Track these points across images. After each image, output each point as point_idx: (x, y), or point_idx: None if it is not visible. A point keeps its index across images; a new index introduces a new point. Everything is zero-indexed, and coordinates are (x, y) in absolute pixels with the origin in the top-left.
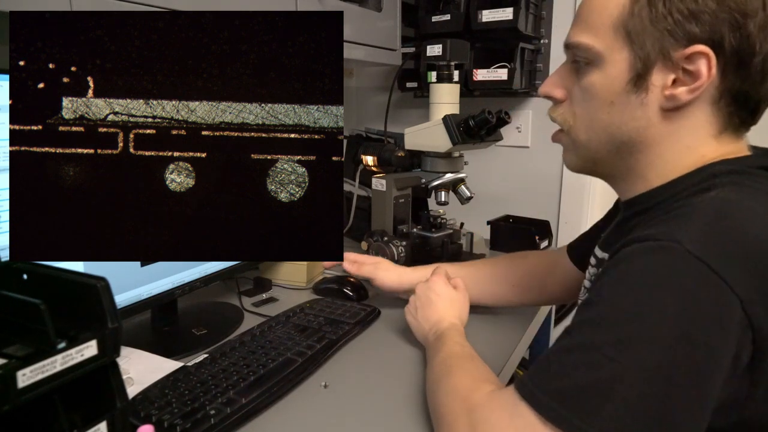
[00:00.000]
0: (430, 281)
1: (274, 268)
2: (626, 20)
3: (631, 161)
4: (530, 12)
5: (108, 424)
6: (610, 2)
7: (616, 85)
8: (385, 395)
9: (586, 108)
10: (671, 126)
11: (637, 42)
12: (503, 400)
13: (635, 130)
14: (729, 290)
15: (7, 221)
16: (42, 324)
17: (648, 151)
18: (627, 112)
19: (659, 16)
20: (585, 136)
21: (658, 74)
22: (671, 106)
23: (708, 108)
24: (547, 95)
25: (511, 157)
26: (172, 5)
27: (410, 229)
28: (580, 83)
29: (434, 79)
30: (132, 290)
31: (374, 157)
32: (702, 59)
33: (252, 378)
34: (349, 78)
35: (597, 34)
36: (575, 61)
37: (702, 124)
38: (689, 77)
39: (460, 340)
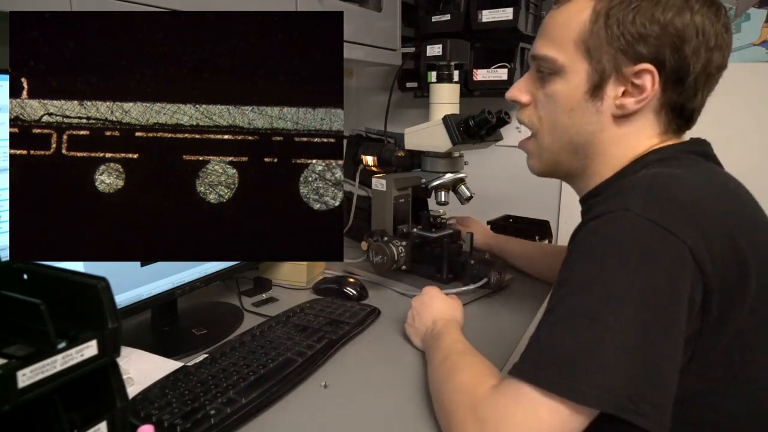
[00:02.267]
0: (423, 291)
1: (274, 268)
2: (586, 38)
3: (586, 161)
4: (530, 12)
5: (108, 424)
6: (572, 20)
7: (576, 94)
8: (385, 395)
9: (549, 113)
10: (621, 130)
11: (594, 57)
12: (505, 389)
13: (591, 134)
14: (677, 239)
15: (7, 221)
16: (42, 324)
17: (601, 151)
18: (584, 118)
19: (614, 36)
20: (549, 139)
21: (611, 86)
22: (621, 114)
23: (651, 116)
24: (514, 99)
25: (511, 157)
26: (172, 5)
27: (410, 229)
28: (544, 90)
29: (434, 79)
30: (132, 290)
31: (374, 157)
32: (647, 75)
33: (252, 378)
34: (349, 78)
35: (560, 48)
36: (539, 71)
37: (646, 129)
38: (636, 90)
39: (458, 337)
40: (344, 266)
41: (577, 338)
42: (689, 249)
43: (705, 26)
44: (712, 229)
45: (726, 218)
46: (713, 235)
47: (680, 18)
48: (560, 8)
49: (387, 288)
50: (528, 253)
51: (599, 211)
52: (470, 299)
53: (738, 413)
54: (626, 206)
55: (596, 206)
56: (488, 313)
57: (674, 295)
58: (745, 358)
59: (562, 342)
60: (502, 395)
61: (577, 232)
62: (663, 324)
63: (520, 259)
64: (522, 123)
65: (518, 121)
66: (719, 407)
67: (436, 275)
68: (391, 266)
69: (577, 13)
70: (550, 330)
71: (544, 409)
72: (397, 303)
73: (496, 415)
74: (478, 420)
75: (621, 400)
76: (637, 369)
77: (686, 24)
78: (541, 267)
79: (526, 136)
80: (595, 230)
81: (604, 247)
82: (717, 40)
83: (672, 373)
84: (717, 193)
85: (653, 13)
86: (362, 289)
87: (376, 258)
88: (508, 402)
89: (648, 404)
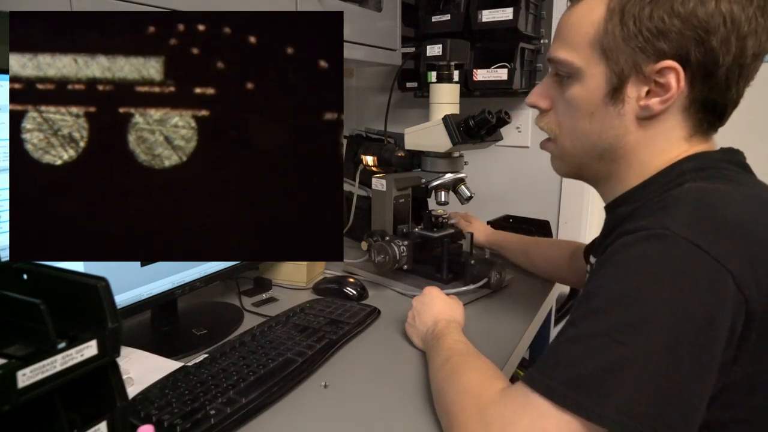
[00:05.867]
0: (424, 291)
1: (274, 268)
2: (601, 38)
3: (612, 166)
4: (530, 12)
5: (108, 424)
6: (585, 20)
7: (595, 97)
8: (385, 395)
9: (569, 118)
10: (647, 133)
11: (611, 58)
12: (514, 394)
13: (614, 138)
14: (721, 267)
15: (7, 221)
16: (42, 324)
17: (626, 156)
18: (606, 122)
19: (630, 34)
20: (570, 144)
21: (632, 87)
22: (646, 116)
23: (679, 115)
24: (534, 105)
25: (511, 157)
26: (173, 5)
27: (411, 229)
28: (563, 95)
29: (434, 79)
30: (132, 290)
31: (374, 157)
32: (671, 73)
33: (252, 378)
34: (349, 78)
35: (576, 50)
36: (557, 74)
37: (674, 130)
38: (661, 89)
39: (459, 338)
40: (344, 266)
41: (601, 359)
42: (733, 277)
43: (734, 12)
44: (761, 253)
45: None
46: (761, 260)
47: (703, 7)
48: (573, 8)
49: (387, 288)
50: (525, 248)
51: (636, 226)
52: (470, 299)
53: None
54: (667, 225)
55: (630, 221)
56: (488, 313)
57: (710, 324)
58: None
59: (582, 360)
60: (510, 400)
61: (610, 243)
62: (695, 353)
63: (518, 254)
64: (542, 130)
65: (537, 127)
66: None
67: (436, 275)
68: (392, 266)
69: (591, 11)
70: (572, 345)
71: (551, 422)
72: (397, 303)
73: (501, 420)
74: (482, 422)
75: (644, 427)
76: (663, 397)
77: (711, 13)
78: (538, 262)
79: (546, 137)
80: (631, 245)
81: (638, 266)
82: (750, 25)
83: (700, 405)
84: (766, 214)
85: (672, 4)
86: (362, 289)
87: (378, 257)
88: (516, 408)
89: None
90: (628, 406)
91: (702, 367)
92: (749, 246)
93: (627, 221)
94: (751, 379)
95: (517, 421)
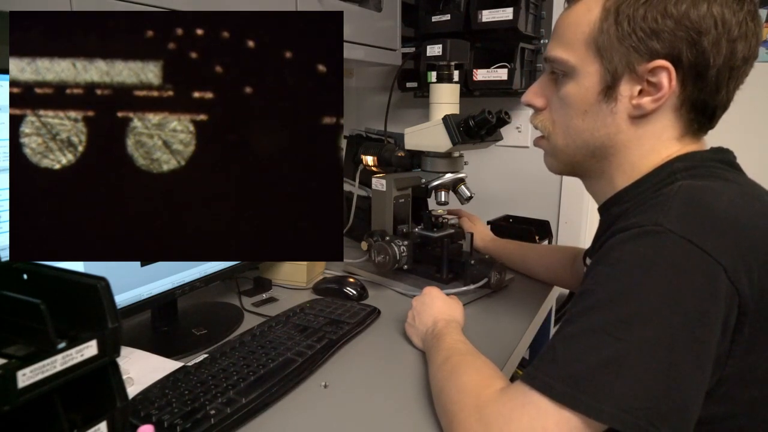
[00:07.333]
0: (424, 291)
1: (274, 268)
2: (596, 37)
3: (604, 163)
4: (530, 12)
5: (108, 424)
6: (582, 20)
7: (589, 95)
8: (385, 395)
9: (563, 116)
10: (638, 131)
11: (606, 57)
12: (513, 393)
13: (606, 136)
14: (713, 261)
15: (7, 221)
16: (42, 324)
17: (618, 154)
18: (599, 120)
19: (625, 33)
20: (563, 141)
21: (625, 86)
22: (638, 114)
23: (671, 115)
24: (529, 103)
25: (511, 157)
26: (173, 5)
27: (411, 229)
28: (558, 93)
29: (434, 79)
30: (132, 290)
31: (374, 157)
32: (663, 72)
33: (252, 378)
34: (349, 78)
35: (571, 48)
36: (553, 73)
37: (665, 130)
38: (653, 88)
39: (459, 337)
40: (344, 266)
41: (598, 355)
42: (725, 271)
43: (725, 16)
44: (752, 247)
45: (766, 235)
46: (753, 254)
47: (696, 9)
48: (570, 8)
49: (387, 288)
50: (524, 255)
51: (629, 224)
52: (470, 299)
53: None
54: (660, 222)
55: (624, 217)
56: (488, 313)
57: (704, 318)
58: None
59: (580, 357)
60: (509, 399)
61: (604, 241)
62: (690, 346)
63: (518, 262)
64: (536, 128)
65: (532, 125)
66: (742, 430)
67: (436, 275)
68: (393, 265)
69: (587, 11)
70: (569, 342)
71: (551, 420)
72: (397, 303)
73: (501, 419)
74: (482, 421)
75: (641, 421)
76: (660, 391)
77: (703, 15)
78: (537, 269)
79: (539, 135)
80: (624, 242)
81: (632, 262)
82: (740, 29)
83: (696, 398)
84: (756, 209)
85: (666, 6)
86: (362, 289)
87: (379, 257)
88: (515, 407)
89: (670, 428)
90: (626, 400)
91: (698, 360)
92: (740, 241)
93: (620, 220)
94: (746, 372)
95: (516, 419)
